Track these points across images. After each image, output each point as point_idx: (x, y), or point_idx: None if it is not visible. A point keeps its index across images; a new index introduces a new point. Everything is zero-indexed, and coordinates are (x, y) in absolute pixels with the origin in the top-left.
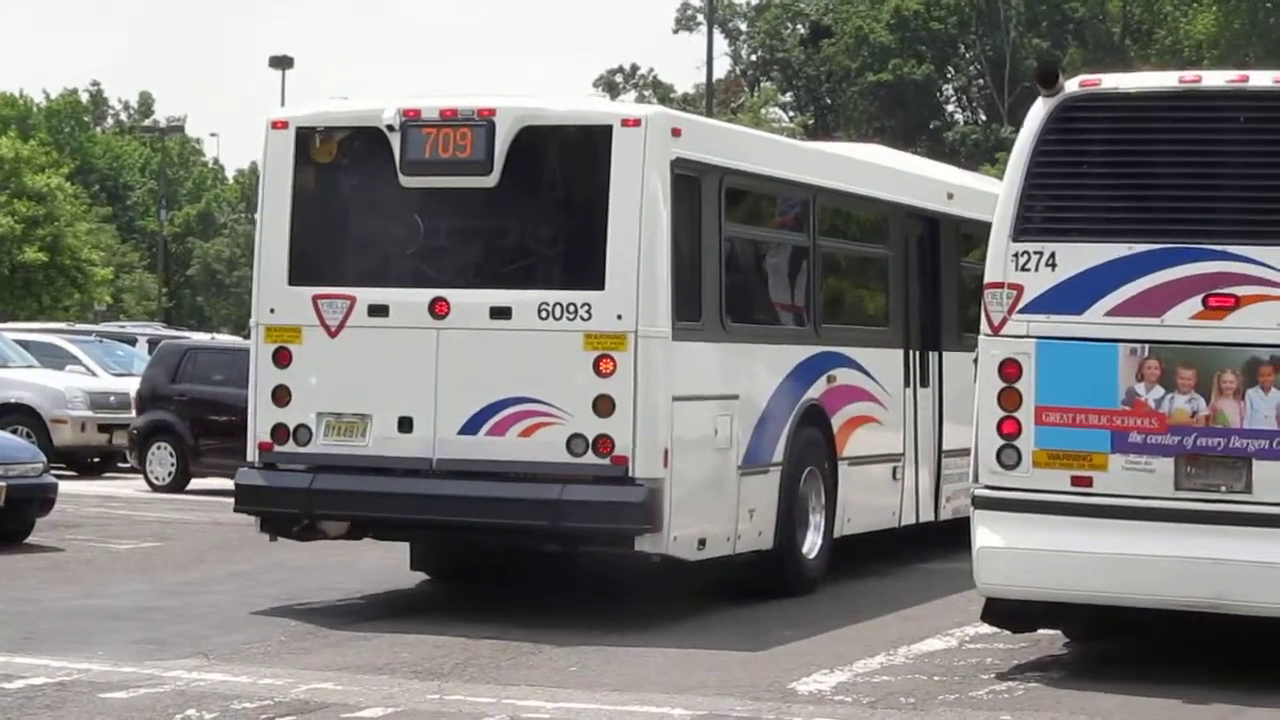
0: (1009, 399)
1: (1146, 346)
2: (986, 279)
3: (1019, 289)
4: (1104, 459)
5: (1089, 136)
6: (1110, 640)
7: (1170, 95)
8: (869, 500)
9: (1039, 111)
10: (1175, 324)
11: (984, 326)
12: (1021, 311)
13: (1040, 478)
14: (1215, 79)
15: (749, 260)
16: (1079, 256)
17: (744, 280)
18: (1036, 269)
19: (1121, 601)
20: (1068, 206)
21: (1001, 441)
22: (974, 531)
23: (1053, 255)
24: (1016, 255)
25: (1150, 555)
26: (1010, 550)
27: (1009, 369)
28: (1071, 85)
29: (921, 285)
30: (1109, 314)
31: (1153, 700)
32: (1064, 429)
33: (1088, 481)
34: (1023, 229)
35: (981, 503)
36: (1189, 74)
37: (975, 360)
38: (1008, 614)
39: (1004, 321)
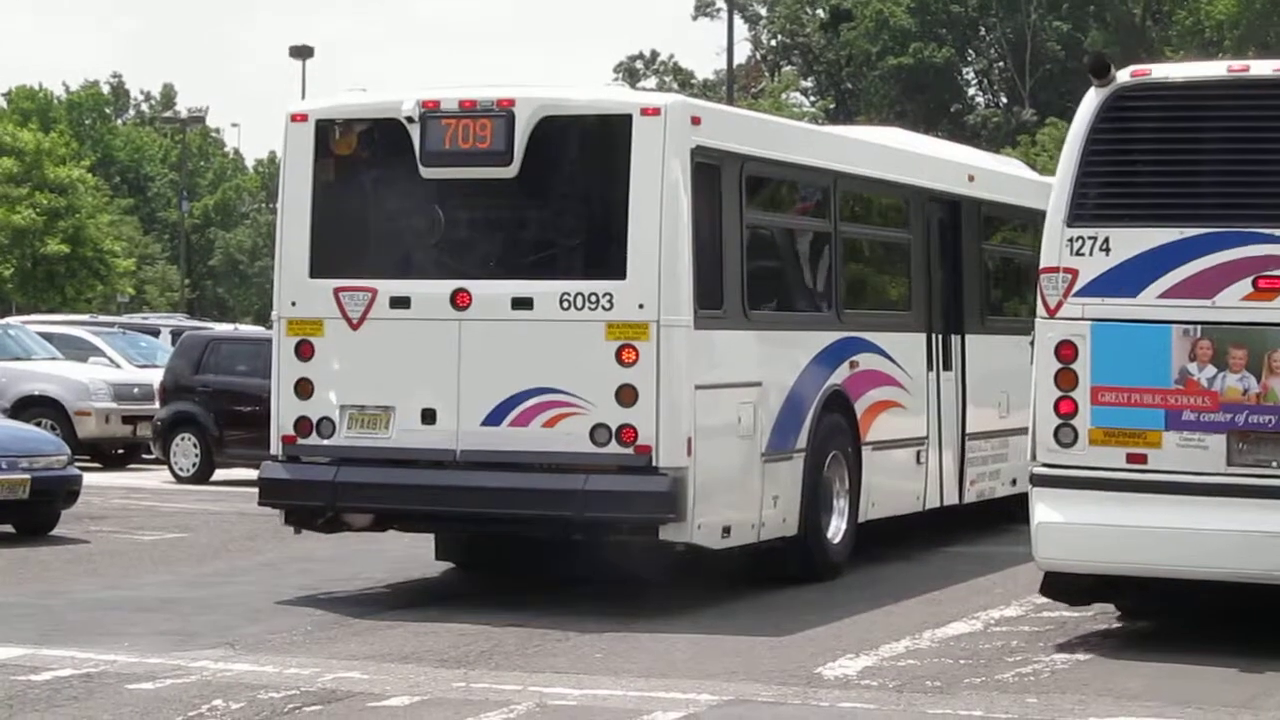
0: (1065, 379)
1: (1199, 327)
2: (1042, 264)
3: (1074, 273)
4: (1158, 436)
5: (1140, 125)
6: (1147, 619)
7: (1219, 84)
8: (893, 485)
9: (1091, 101)
10: (1226, 305)
11: (1040, 309)
12: (1077, 295)
13: (1096, 455)
14: (1263, 68)
15: (770, 247)
16: (1132, 241)
17: (765, 267)
18: (1091, 253)
19: (1176, 574)
20: (1120, 193)
21: (1058, 420)
22: (1032, 508)
23: (1106, 240)
24: (1071, 240)
25: (1203, 529)
26: (1068, 525)
27: (1065, 350)
28: (1123, 75)
29: (943, 268)
30: (1162, 296)
31: (1181, 681)
32: (1119, 408)
33: (1142, 459)
34: (1077, 215)
35: (1039, 480)
36: (1237, 63)
37: (1031, 342)
38: (1065, 588)
39: (1060, 304)
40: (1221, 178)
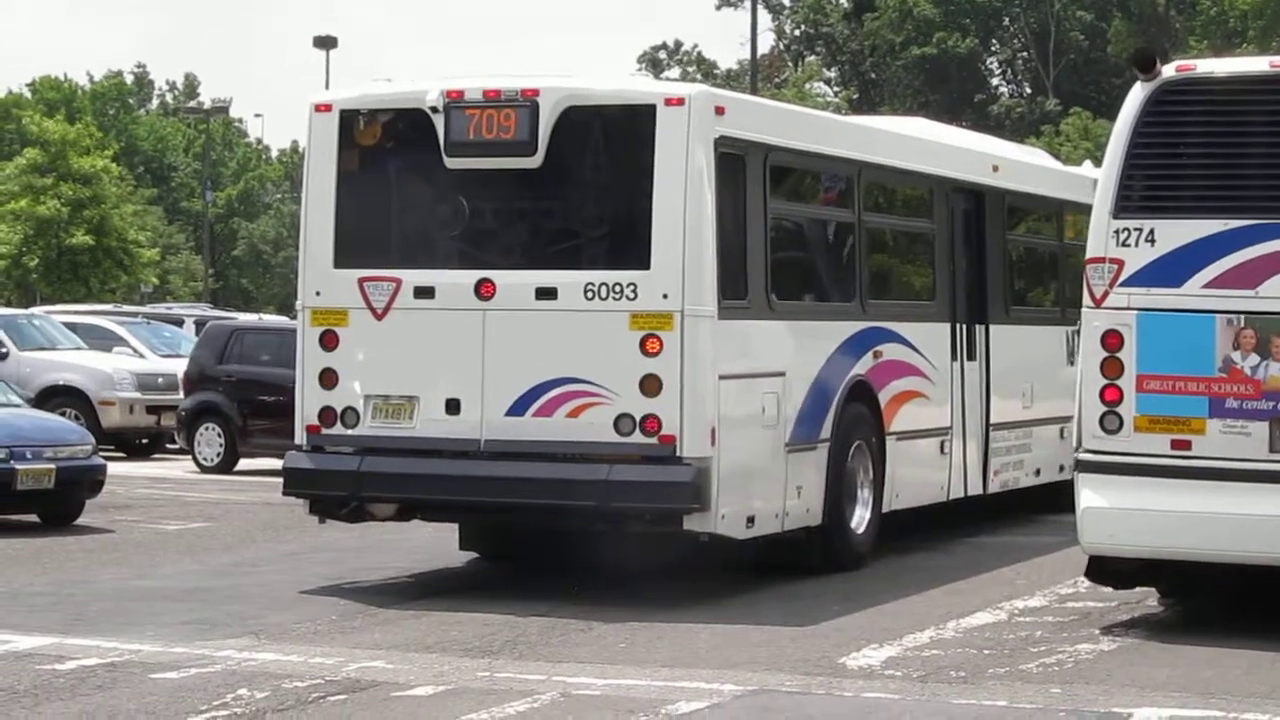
0: (1111, 368)
1: (1242, 317)
2: (1088, 254)
3: (1120, 263)
4: (1202, 424)
5: (1185, 118)
6: (1187, 604)
7: (1263, 79)
8: (917, 475)
9: (1137, 95)
10: (1270, 295)
11: (1086, 299)
12: (1122, 285)
13: (1141, 442)
14: None
15: (794, 237)
16: (1177, 232)
17: (789, 257)
18: (1136, 244)
19: (1218, 558)
20: (1166, 185)
21: (1104, 408)
22: (1078, 493)
23: (1152, 231)
24: (1117, 232)
25: (1246, 514)
26: (1113, 510)
27: (1111, 339)
28: (1168, 70)
29: (967, 259)
30: (1206, 286)
31: (1208, 670)
32: (1164, 395)
33: (1186, 445)
34: (1123, 207)
35: (1085, 466)
36: None
37: (1077, 332)
38: (1110, 571)
39: (1105, 295)
40: (1265, 170)
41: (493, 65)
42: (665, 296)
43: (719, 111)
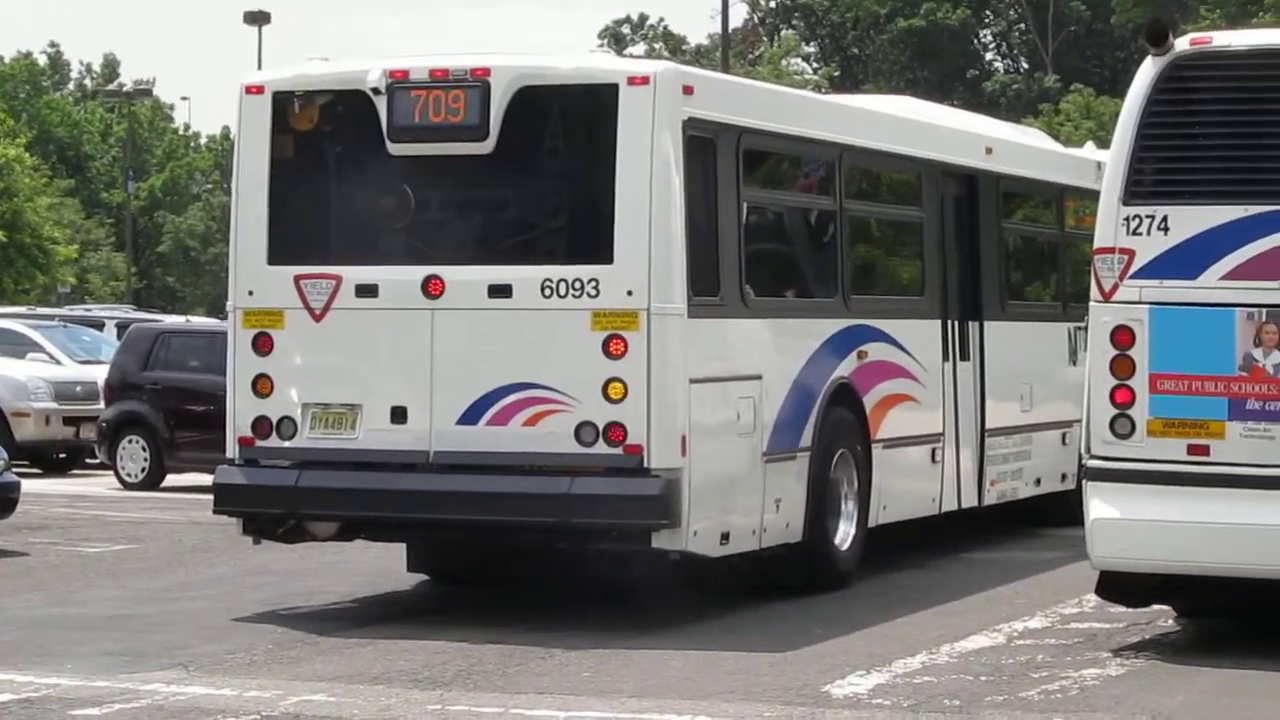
0: (1122, 367)
1: (1264, 311)
2: (1096, 244)
3: (1130, 254)
4: (1221, 427)
5: (1200, 96)
6: (1206, 624)
7: None
8: (906, 486)
9: (1148, 71)
10: None
11: (1094, 293)
12: (1133, 277)
13: (1155, 447)
14: None
15: (771, 227)
16: (1192, 220)
17: (766, 250)
18: (1148, 233)
19: (1240, 574)
20: (1179, 169)
21: (1114, 410)
22: (1087, 503)
23: (1165, 219)
24: (1127, 219)
25: (1270, 525)
26: (1125, 522)
27: (1121, 336)
28: (1181, 44)
29: (960, 249)
30: (1224, 278)
31: (1225, 698)
32: (1179, 397)
33: (1204, 450)
34: (1133, 192)
35: (1094, 474)
36: None
37: (1085, 327)
38: (1122, 588)
39: (1115, 287)
40: None
41: (441, 42)
42: (630, 293)
43: (687, 91)
